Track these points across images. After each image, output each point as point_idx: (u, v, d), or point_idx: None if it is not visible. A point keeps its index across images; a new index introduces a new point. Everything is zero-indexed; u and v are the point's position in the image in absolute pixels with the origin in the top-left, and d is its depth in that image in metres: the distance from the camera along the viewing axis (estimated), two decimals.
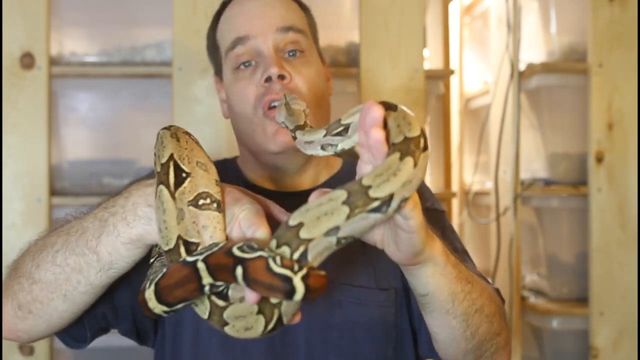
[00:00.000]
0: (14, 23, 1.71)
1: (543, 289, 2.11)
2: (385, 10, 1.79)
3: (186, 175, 0.77)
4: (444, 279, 0.86)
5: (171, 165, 0.77)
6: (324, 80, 1.18)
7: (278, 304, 0.71)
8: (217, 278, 0.70)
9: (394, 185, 0.66)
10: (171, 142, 0.80)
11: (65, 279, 0.85)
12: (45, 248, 0.88)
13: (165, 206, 0.76)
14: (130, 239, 0.82)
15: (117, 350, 1.79)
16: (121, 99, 1.88)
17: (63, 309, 0.88)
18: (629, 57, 1.92)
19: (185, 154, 0.79)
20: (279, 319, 0.72)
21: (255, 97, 1.10)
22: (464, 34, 2.59)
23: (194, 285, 0.71)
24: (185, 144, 0.81)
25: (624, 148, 1.93)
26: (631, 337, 1.91)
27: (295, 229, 0.67)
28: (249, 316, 0.72)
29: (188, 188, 0.77)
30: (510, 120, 2.07)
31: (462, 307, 0.89)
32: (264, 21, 1.12)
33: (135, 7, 1.84)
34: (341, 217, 0.66)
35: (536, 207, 2.11)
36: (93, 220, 0.85)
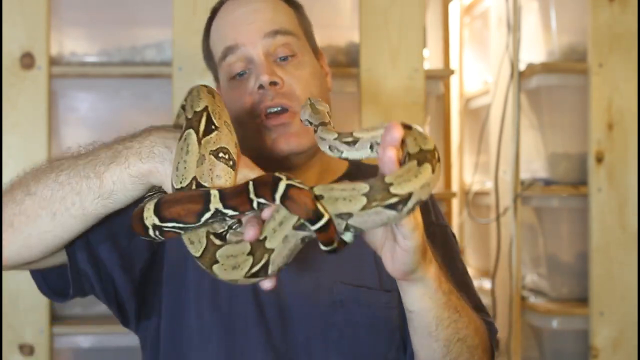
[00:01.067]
0: (14, 23, 1.71)
1: (543, 289, 2.11)
2: (385, 10, 1.79)
3: (214, 128, 0.83)
4: (432, 302, 0.88)
5: (204, 115, 0.83)
6: (319, 79, 1.17)
7: (270, 250, 0.75)
8: (258, 193, 0.75)
9: (414, 185, 0.71)
10: (207, 97, 0.86)
11: (61, 197, 0.85)
12: (50, 167, 0.89)
13: (190, 148, 0.81)
14: (139, 172, 0.84)
15: (117, 350, 1.79)
16: (121, 99, 1.88)
17: (46, 229, 0.87)
18: (629, 57, 1.92)
19: (217, 110, 0.85)
20: (265, 264, 0.76)
21: (250, 104, 1.11)
22: (464, 34, 2.59)
23: (197, 207, 0.76)
24: (219, 102, 0.87)
25: (624, 148, 1.93)
26: (631, 337, 1.91)
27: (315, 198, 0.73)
28: (239, 256, 0.77)
29: (214, 139, 0.82)
30: (510, 120, 2.07)
31: (446, 333, 0.91)
32: (250, 27, 1.12)
33: (135, 7, 1.84)
34: (357, 206, 0.71)
35: (536, 207, 2.11)
36: (107, 151, 0.87)
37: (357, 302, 1.07)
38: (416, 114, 1.79)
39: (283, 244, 0.76)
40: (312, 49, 1.20)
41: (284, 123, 1.10)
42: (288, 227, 0.75)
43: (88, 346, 1.78)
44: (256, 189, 0.76)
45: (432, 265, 0.86)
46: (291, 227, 0.75)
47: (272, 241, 0.76)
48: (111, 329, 1.74)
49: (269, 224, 0.76)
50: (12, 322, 1.69)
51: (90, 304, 1.81)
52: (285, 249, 0.76)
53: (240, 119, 1.13)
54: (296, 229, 0.75)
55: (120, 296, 1.05)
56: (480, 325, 1.01)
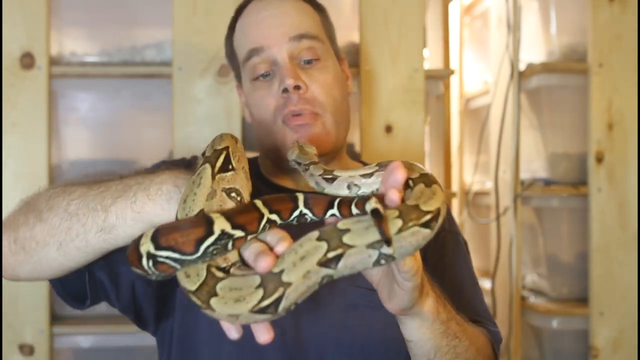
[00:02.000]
0: (14, 23, 1.71)
1: (543, 289, 2.11)
2: (385, 10, 1.79)
3: (232, 168, 0.80)
4: (429, 333, 0.90)
5: (223, 153, 0.80)
6: (341, 83, 1.18)
7: (287, 284, 0.69)
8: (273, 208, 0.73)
9: (437, 202, 0.72)
10: (230, 140, 0.83)
11: (68, 227, 0.84)
12: (63, 193, 0.88)
13: (203, 181, 0.77)
14: (142, 208, 0.81)
15: (117, 350, 1.79)
16: (121, 99, 1.88)
17: (53, 257, 0.87)
18: (629, 57, 1.92)
19: (238, 154, 0.83)
20: (278, 299, 0.69)
21: (274, 107, 1.12)
22: (464, 34, 2.59)
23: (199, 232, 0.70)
24: (240, 148, 0.84)
25: (624, 148, 1.93)
26: (631, 337, 1.91)
27: (341, 232, 0.70)
28: (246, 288, 0.69)
29: (228, 178, 0.79)
30: (510, 120, 2.07)
31: (444, 359, 0.92)
32: (277, 31, 1.13)
33: (135, 7, 1.84)
34: (393, 229, 0.69)
35: (536, 207, 2.11)
36: (118, 184, 0.85)
37: (370, 306, 1.07)
38: (416, 114, 1.79)
39: (303, 280, 0.69)
40: (335, 53, 1.21)
41: (307, 123, 1.11)
42: (312, 262, 0.69)
43: (88, 346, 1.78)
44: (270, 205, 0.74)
45: (429, 298, 0.87)
46: (315, 263, 0.69)
47: (291, 275, 0.69)
48: (111, 329, 1.74)
49: (288, 257, 0.70)
50: (12, 322, 1.69)
51: None
52: (304, 285, 0.70)
53: (263, 121, 1.14)
54: (322, 265, 0.69)
55: (139, 302, 1.06)
56: (483, 342, 1.02)
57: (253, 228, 0.72)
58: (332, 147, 1.13)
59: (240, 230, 0.71)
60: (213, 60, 1.72)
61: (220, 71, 1.72)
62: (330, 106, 1.13)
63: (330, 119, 1.13)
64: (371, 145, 1.78)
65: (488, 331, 1.08)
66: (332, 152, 1.15)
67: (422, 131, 1.80)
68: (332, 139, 1.13)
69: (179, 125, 1.72)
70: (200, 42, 1.72)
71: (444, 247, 1.17)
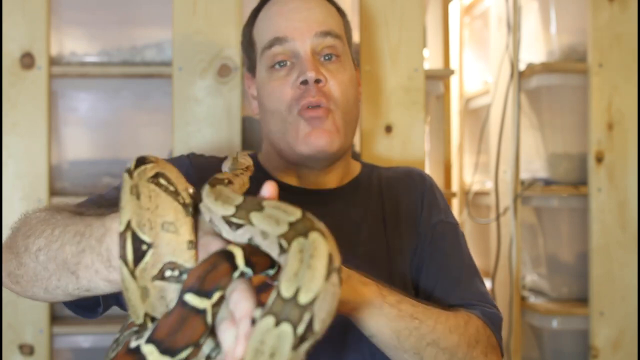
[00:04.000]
0: (14, 23, 1.71)
1: (543, 289, 2.11)
2: (385, 10, 1.79)
3: (147, 247, 0.66)
4: (383, 318, 0.90)
5: (128, 237, 0.66)
6: (355, 87, 1.20)
7: None
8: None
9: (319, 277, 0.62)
10: (130, 201, 0.68)
11: (46, 277, 0.82)
12: (33, 234, 0.84)
13: (127, 285, 0.66)
14: (109, 280, 0.75)
15: None
16: (121, 99, 1.88)
17: (45, 297, 0.86)
18: (629, 57, 1.92)
19: (147, 216, 0.66)
20: None
21: (291, 97, 1.12)
22: (464, 34, 2.59)
23: (199, 324, 0.62)
24: (149, 201, 0.67)
25: (624, 148, 1.93)
26: (631, 337, 1.91)
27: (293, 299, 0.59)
28: None
29: (151, 262, 0.66)
30: (510, 120, 2.07)
31: (409, 342, 0.92)
32: (303, 24, 1.13)
33: (135, 7, 1.84)
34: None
35: (536, 207, 2.11)
36: (71, 240, 0.78)
37: None
38: (416, 114, 1.79)
39: None
40: (352, 58, 1.22)
41: (319, 117, 1.11)
42: (285, 354, 0.59)
43: (88, 346, 1.78)
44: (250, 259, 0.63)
45: (367, 286, 0.88)
46: (290, 351, 0.59)
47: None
48: (111, 329, 1.74)
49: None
50: (12, 322, 1.69)
51: None
52: None
53: (276, 110, 1.14)
54: (297, 346, 0.59)
55: None
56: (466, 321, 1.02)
57: (196, 338, 0.62)
58: (339, 146, 1.13)
59: (184, 351, 0.62)
60: (213, 60, 1.72)
61: (220, 71, 1.72)
62: (343, 105, 1.14)
63: (341, 117, 1.13)
64: (371, 145, 1.78)
65: (481, 312, 1.08)
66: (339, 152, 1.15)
67: (422, 131, 1.80)
68: (341, 138, 1.13)
69: (179, 125, 1.72)
70: (200, 42, 1.72)
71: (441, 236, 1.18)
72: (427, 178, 1.27)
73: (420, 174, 1.28)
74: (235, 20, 1.72)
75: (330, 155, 1.14)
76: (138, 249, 0.66)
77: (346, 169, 1.23)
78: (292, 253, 0.60)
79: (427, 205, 1.21)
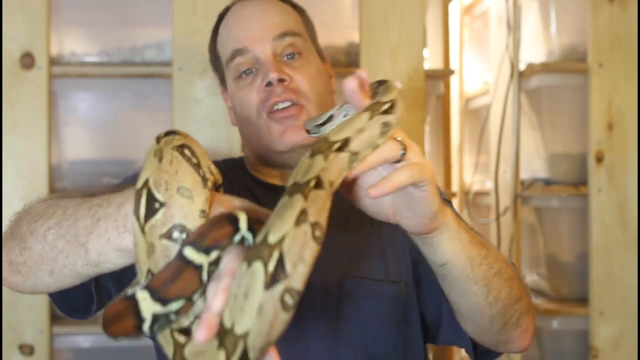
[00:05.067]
0: (14, 23, 1.71)
1: (543, 289, 2.11)
2: (385, 10, 1.79)
3: (159, 206, 0.67)
4: (459, 243, 0.86)
5: (143, 194, 0.67)
6: (325, 79, 1.20)
7: (243, 335, 0.60)
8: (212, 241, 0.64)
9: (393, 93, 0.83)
10: (151, 162, 0.70)
11: (53, 258, 0.81)
12: (41, 218, 0.84)
13: (136, 240, 0.68)
14: (121, 247, 0.75)
15: (117, 350, 1.79)
16: (121, 99, 1.88)
17: (48, 282, 0.85)
18: (629, 57, 1.92)
19: (165, 178, 0.68)
20: (243, 354, 0.60)
21: (258, 102, 1.12)
22: (464, 34, 2.58)
23: (130, 322, 0.64)
24: (169, 165, 0.69)
25: (624, 148, 1.93)
26: (631, 337, 1.91)
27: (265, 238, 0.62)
28: (209, 351, 0.61)
29: (161, 220, 0.67)
30: (510, 120, 2.07)
31: (481, 270, 0.89)
32: (260, 32, 1.14)
33: (135, 7, 1.84)
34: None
35: (536, 207, 2.11)
36: (86, 213, 0.78)
37: (365, 294, 1.08)
38: (416, 114, 1.79)
39: (259, 319, 0.60)
40: (317, 52, 1.22)
41: (292, 115, 1.11)
42: (258, 292, 0.59)
43: (88, 346, 1.78)
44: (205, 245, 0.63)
45: (445, 207, 0.84)
46: (262, 289, 0.59)
47: (243, 322, 0.59)
48: None
49: (234, 304, 0.60)
50: (12, 322, 1.69)
51: None
52: (265, 324, 0.60)
53: (248, 117, 1.14)
54: (270, 286, 0.59)
55: None
56: (504, 257, 0.99)
57: (189, 292, 0.64)
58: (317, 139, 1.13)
59: (175, 303, 0.63)
60: None
61: None
62: (314, 97, 1.13)
63: (315, 110, 1.13)
64: None
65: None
66: None
67: (422, 131, 1.79)
68: None
69: (179, 125, 1.72)
70: (200, 42, 1.72)
71: None
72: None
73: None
74: None
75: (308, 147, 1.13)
76: (151, 206, 0.67)
77: None
78: (274, 210, 0.63)
79: None
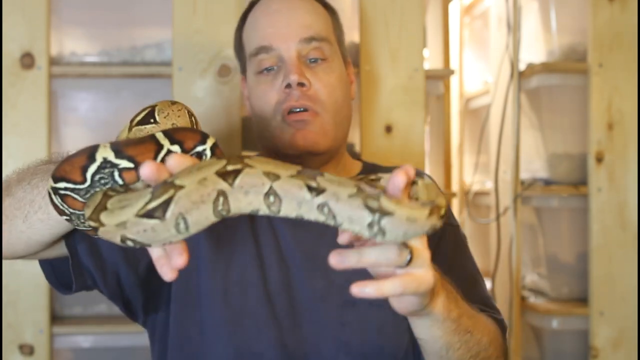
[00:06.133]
0: (14, 23, 1.71)
1: (543, 289, 2.11)
2: (385, 10, 1.79)
3: (153, 122, 0.82)
4: (440, 332, 0.88)
5: (147, 110, 0.84)
6: (345, 87, 1.19)
7: (178, 187, 0.63)
8: (175, 138, 0.70)
9: (443, 199, 0.73)
10: (164, 103, 0.85)
11: (31, 200, 0.85)
12: (35, 168, 0.90)
13: (120, 135, 0.79)
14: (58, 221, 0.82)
15: (117, 350, 1.79)
16: (121, 99, 1.88)
17: (21, 229, 0.88)
18: (629, 57, 1.92)
19: (169, 113, 0.83)
20: (166, 201, 0.63)
21: (276, 102, 1.13)
22: (464, 34, 2.59)
23: (82, 159, 0.69)
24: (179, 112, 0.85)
25: (624, 148, 1.93)
26: (631, 337, 1.91)
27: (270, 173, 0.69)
28: (135, 198, 0.65)
29: (148, 130, 0.81)
30: (510, 120, 2.07)
31: (457, 354, 0.92)
32: (287, 31, 1.13)
33: (135, 7, 1.84)
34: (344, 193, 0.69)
35: (536, 207, 2.11)
36: (39, 181, 0.86)
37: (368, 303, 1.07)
38: (416, 114, 1.78)
39: (197, 186, 0.64)
40: (342, 56, 1.21)
41: (304, 120, 1.11)
42: (210, 171, 0.65)
43: (88, 346, 1.78)
44: (172, 135, 0.69)
45: (439, 298, 0.85)
46: (214, 172, 0.65)
47: (184, 179, 0.64)
48: (111, 329, 1.74)
49: (185, 169, 0.65)
50: (12, 322, 1.69)
51: (90, 304, 1.81)
52: (197, 193, 0.64)
53: (263, 115, 1.15)
54: (220, 175, 0.65)
55: (126, 291, 1.06)
56: (494, 330, 1.02)
57: (142, 159, 0.67)
58: (326, 148, 1.13)
59: (127, 161, 0.67)
60: (213, 60, 1.72)
61: (220, 71, 1.72)
62: (331, 107, 1.13)
63: (330, 119, 1.13)
64: (371, 145, 1.78)
65: (495, 320, 1.08)
66: (327, 152, 1.15)
67: (422, 131, 1.79)
68: (329, 140, 1.13)
69: None
70: (200, 42, 1.72)
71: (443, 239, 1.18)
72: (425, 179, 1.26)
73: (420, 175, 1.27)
74: (235, 20, 1.71)
75: (317, 156, 1.13)
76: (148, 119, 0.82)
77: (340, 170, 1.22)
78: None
79: None
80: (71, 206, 0.72)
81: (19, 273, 1.69)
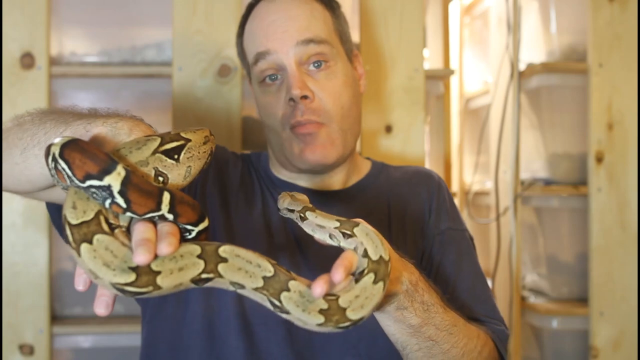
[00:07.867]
0: (14, 23, 1.71)
1: (543, 289, 2.11)
2: (385, 10, 1.79)
3: (176, 159, 0.78)
4: (393, 329, 0.91)
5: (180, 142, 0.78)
6: (351, 86, 1.17)
7: (158, 286, 0.67)
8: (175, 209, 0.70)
9: (367, 310, 0.74)
10: (200, 139, 0.81)
11: (33, 133, 0.84)
12: (51, 109, 0.91)
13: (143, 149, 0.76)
14: (91, 130, 0.80)
15: (117, 350, 1.79)
16: (121, 99, 1.88)
17: (16, 161, 0.86)
18: (629, 57, 1.92)
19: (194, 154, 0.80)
20: (141, 293, 0.67)
21: (282, 115, 1.13)
22: (464, 34, 2.59)
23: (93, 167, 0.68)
24: (204, 153, 0.82)
25: (624, 148, 1.93)
26: (631, 337, 1.91)
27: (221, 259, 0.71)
28: (119, 260, 0.66)
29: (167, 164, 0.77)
30: (510, 120, 2.07)
31: (416, 355, 0.93)
32: (283, 35, 1.11)
33: (135, 7, 1.84)
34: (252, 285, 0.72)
35: (536, 207, 2.11)
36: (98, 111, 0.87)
37: None
38: (416, 114, 1.79)
39: (172, 289, 0.68)
40: (347, 53, 1.19)
41: (311, 133, 1.11)
42: (187, 278, 0.68)
43: (88, 346, 1.78)
44: (174, 204, 0.69)
45: (391, 305, 0.87)
46: (189, 279, 0.69)
47: (165, 281, 0.67)
48: (111, 329, 1.74)
49: (169, 263, 0.68)
50: (12, 322, 1.69)
51: (90, 304, 1.80)
52: (167, 293, 0.69)
53: (273, 126, 1.15)
54: (194, 282, 0.69)
55: None
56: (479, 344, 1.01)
57: (138, 211, 0.68)
58: (336, 157, 1.14)
59: (124, 202, 0.67)
60: (213, 60, 1.72)
61: (220, 71, 1.72)
62: (337, 114, 1.13)
63: (336, 127, 1.13)
64: (371, 145, 1.78)
65: (492, 330, 1.07)
66: (337, 161, 1.15)
67: (422, 131, 1.80)
68: (338, 149, 1.13)
69: (179, 125, 1.72)
70: (200, 42, 1.72)
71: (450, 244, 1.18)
72: (435, 179, 1.25)
73: (428, 175, 1.26)
74: (235, 20, 1.72)
75: (328, 166, 1.14)
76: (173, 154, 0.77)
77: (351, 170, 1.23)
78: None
79: (436, 211, 1.20)
80: (59, 178, 0.71)
81: (19, 273, 1.69)
